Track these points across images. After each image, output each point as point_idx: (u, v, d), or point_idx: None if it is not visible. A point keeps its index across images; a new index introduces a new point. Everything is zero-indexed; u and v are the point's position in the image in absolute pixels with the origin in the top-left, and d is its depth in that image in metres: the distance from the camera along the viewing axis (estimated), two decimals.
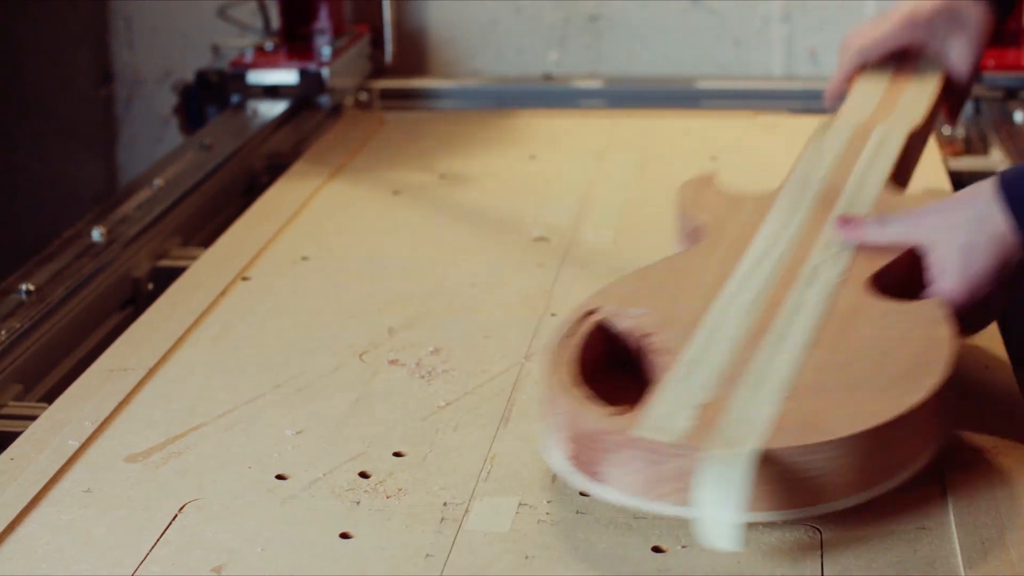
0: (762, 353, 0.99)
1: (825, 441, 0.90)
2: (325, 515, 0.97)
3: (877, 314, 1.03)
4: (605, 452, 0.93)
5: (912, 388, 0.94)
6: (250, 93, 2.00)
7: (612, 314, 1.05)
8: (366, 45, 2.17)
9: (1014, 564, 0.90)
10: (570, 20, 2.26)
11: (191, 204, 1.63)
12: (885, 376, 0.96)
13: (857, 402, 0.94)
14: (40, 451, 1.06)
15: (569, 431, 0.95)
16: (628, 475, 0.92)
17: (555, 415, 0.97)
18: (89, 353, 1.33)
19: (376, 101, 2.16)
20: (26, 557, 0.94)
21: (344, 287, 1.38)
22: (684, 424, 0.92)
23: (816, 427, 0.91)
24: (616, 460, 0.92)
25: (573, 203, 1.60)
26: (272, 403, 1.14)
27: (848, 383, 0.96)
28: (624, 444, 0.92)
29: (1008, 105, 1.85)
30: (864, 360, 0.98)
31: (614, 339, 1.05)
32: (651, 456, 0.91)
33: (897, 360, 0.97)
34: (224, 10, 2.15)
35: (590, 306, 1.05)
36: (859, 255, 1.09)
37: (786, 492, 0.91)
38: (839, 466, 0.91)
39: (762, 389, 0.95)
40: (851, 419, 0.92)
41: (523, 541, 0.94)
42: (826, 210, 1.17)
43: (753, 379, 0.96)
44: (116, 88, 2.39)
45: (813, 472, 0.90)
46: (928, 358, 0.97)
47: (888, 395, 0.94)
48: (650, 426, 0.92)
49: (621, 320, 1.05)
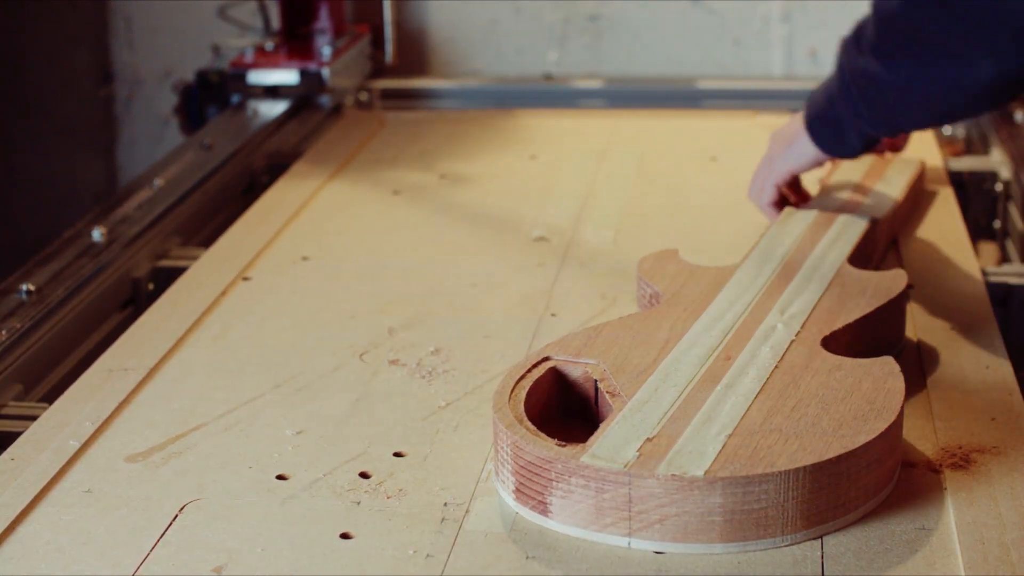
0: (712, 397, 1.00)
1: (767, 473, 0.91)
2: (325, 515, 0.97)
3: (828, 367, 1.04)
4: (550, 481, 0.94)
5: (861, 430, 0.95)
6: (250, 93, 2.00)
7: (564, 363, 1.07)
8: (366, 45, 2.17)
9: (1014, 564, 0.90)
10: (570, 20, 2.26)
11: (191, 204, 1.63)
12: (834, 420, 0.97)
13: (804, 440, 0.94)
14: (40, 451, 1.06)
15: (515, 463, 0.96)
16: (573, 504, 0.93)
17: (501, 449, 0.98)
18: (89, 353, 1.33)
19: (376, 101, 2.16)
20: (26, 557, 0.94)
21: (344, 287, 1.38)
22: (630, 455, 0.93)
23: (760, 460, 0.92)
24: (562, 489, 0.93)
25: (573, 203, 1.60)
26: (272, 403, 1.14)
27: (796, 425, 0.96)
28: (570, 472, 0.93)
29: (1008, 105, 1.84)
30: (813, 406, 0.99)
31: (566, 387, 1.07)
32: (597, 484, 0.92)
33: (846, 407, 0.98)
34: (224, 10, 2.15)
35: (543, 354, 1.07)
36: (814, 319, 1.12)
37: (727, 524, 0.91)
38: (781, 501, 0.91)
39: (710, 428, 0.96)
40: (795, 454, 0.92)
41: (524, 541, 0.94)
42: (785, 280, 1.20)
43: (701, 419, 0.97)
44: (116, 88, 2.39)
45: (755, 505, 0.91)
46: (878, 405, 0.98)
47: (836, 436, 0.95)
48: (596, 454, 0.93)
49: (574, 368, 1.07)
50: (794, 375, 1.03)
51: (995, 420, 1.07)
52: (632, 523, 0.92)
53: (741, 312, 1.14)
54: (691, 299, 1.17)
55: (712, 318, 1.13)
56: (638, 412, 0.99)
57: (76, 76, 2.36)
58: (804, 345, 1.08)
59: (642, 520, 0.91)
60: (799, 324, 1.11)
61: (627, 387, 1.02)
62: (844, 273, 1.22)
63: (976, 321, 1.25)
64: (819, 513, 0.93)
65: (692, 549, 0.91)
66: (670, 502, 0.91)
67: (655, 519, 0.91)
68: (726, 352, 1.07)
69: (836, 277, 1.21)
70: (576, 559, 0.92)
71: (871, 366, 1.04)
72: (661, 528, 0.91)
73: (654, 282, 1.21)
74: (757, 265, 1.23)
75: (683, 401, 1.00)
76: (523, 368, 1.05)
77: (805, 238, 1.30)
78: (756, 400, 1.00)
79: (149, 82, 2.38)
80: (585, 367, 1.06)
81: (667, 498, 0.91)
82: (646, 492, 0.91)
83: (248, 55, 2.04)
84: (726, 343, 1.08)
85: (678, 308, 1.15)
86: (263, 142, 1.87)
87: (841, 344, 1.10)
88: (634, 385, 1.02)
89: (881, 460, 0.96)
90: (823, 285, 1.19)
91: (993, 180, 1.70)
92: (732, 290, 1.18)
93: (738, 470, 0.91)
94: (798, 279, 1.20)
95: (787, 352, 1.06)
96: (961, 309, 1.27)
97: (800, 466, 0.91)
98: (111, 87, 2.39)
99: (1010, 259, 1.60)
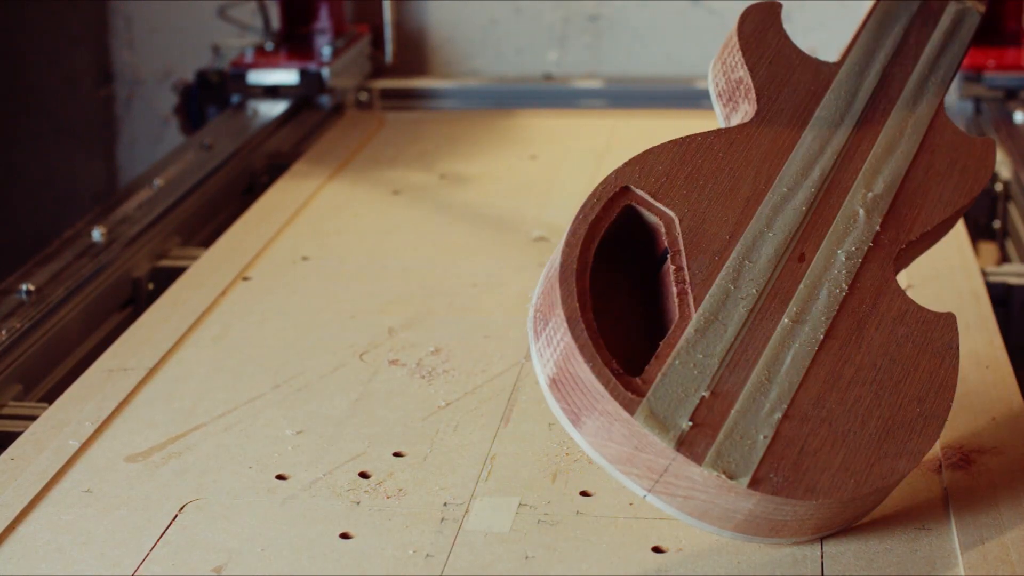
0: (775, 339, 0.94)
1: (803, 501, 0.88)
2: (325, 515, 0.97)
3: (893, 316, 0.98)
4: (594, 409, 0.89)
5: (903, 451, 0.91)
6: (250, 93, 2.00)
7: (643, 201, 0.98)
8: (366, 45, 2.17)
9: (1014, 564, 0.90)
10: (570, 20, 2.26)
11: (191, 204, 1.63)
12: (882, 423, 0.92)
13: (847, 454, 0.90)
14: (40, 451, 1.06)
15: (560, 365, 0.91)
16: (608, 441, 0.89)
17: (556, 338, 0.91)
18: (89, 353, 1.33)
19: (376, 101, 2.16)
20: (26, 557, 0.94)
21: (344, 287, 1.38)
22: (684, 424, 0.89)
23: (802, 479, 0.88)
24: (603, 423, 0.89)
25: (573, 203, 1.60)
26: (272, 403, 1.14)
27: (845, 420, 0.92)
28: (618, 419, 0.88)
29: (1008, 105, 1.85)
30: (868, 388, 0.93)
31: (638, 221, 0.99)
32: (638, 441, 0.88)
33: (897, 401, 0.94)
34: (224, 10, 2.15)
35: (622, 182, 0.99)
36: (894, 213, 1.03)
37: (746, 522, 0.90)
38: (805, 518, 0.90)
39: (766, 397, 0.91)
40: (836, 476, 0.89)
41: (523, 541, 0.94)
42: (877, 122, 1.08)
43: (759, 377, 0.92)
44: (116, 88, 2.39)
45: (779, 517, 0.90)
46: (927, 409, 0.94)
47: (878, 455, 0.91)
48: (653, 412, 0.88)
49: (649, 214, 0.98)
50: (860, 317, 0.96)
51: (995, 420, 1.07)
52: (657, 485, 0.89)
53: (829, 168, 1.03)
54: (782, 124, 1.05)
55: (798, 172, 1.02)
56: (701, 340, 0.92)
57: (76, 76, 2.37)
58: (877, 260, 0.99)
59: (667, 488, 0.89)
60: (880, 215, 1.02)
61: (698, 274, 0.94)
62: (939, 127, 1.09)
63: (976, 321, 1.25)
64: (833, 525, 0.93)
65: (703, 527, 0.90)
66: (703, 491, 0.89)
67: (680, 494, 0.89)
68: (801, 245, 0.98)
69: (930, 130, 1.08)
70: (576, 559, 0.92)
71: (932, 329, 0.97)
72: (683, 502, 0.89)
73: (749, 62, 1.08)
74: (852, 84, 1.10)
75: (747, 332, 0.93)
76: (599, 202, 0.97)
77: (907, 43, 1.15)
78: (818, 354, 0.93)
79: (149, 82, 2.38)
80: (660, 218, 0.98)
81: (702, 488, 0.89)
82: (684, 473, 0.88)
83: (248, 55, 2.04)
84: (804, 228, 0.99)
85: (767, 137, 1.04)
86: (263, 142, 1.87)
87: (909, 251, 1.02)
88: (705, 272, 0.94)
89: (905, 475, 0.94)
90: (914, 144, 1.07)
91: (993, 180, 1.70)
92: (823, 124, 1.06)
93: (779, 487, 0.88)
94: (890, 124, 1.08)
95: (860, 271, 0.98)
96: (961, 309, 1.27)
97: (836, 499, 0.89)
98: (111, 87, 2.39)
99: (1010, 259, 1.60)
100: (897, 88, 1.11)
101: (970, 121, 1.92)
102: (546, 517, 0.97)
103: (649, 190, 0.98)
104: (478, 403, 1.13)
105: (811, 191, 1.02)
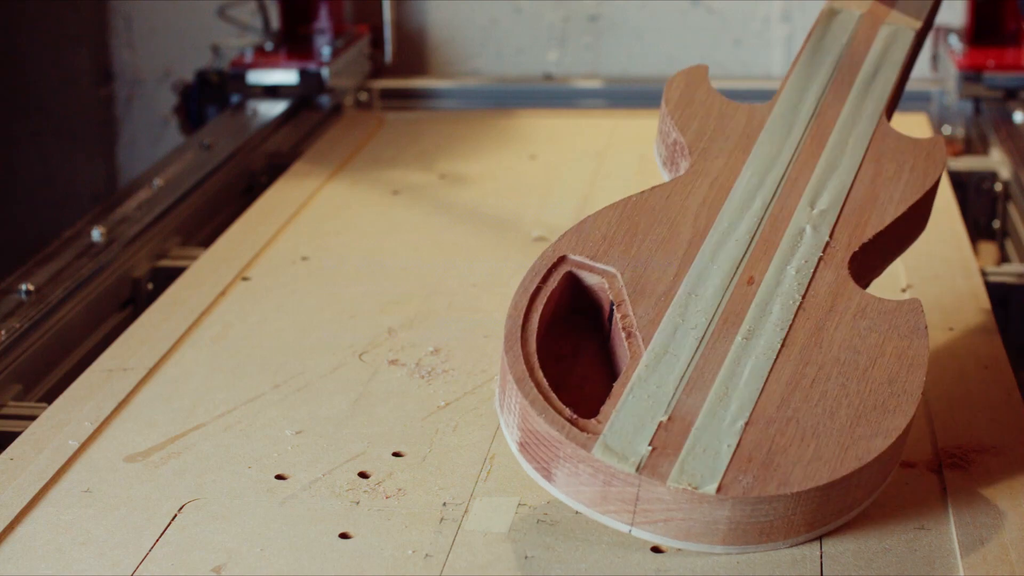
0: (731, 355, 0.95)
1: (779, 495, 0.89)
2: (325, 515, 0.97)
3: (853, 311, 0.98)
4: (557, 457, 0.92)
5: (878, 431, 0.91)
6: (250, 93, 2.00)
7: (582, 265, 1.00)
8: (366, 45, 2.17)
9: (1014, 564, 0.90)
10: (570, 20, 2.26)
11: (191, 204, 1.63)
12: (852, 410, 0.92)
13: (820, 443, 0.90)
14: (40, 451, 1.06)
15: (522, 425, 0.93)
16: (579, 484, 0.91)
17: (508, 395, 0.94)
18: (89, 353, 1.33)
19: (376, 101, 2.16)
20: (26, 557, 0.94)
21: (344, 287, 1.38)
22: (643, 449, 0.90)
23: (773, 475, 0.88)
24: (568, 469, 0.91)
25: (573, 203, 1.60)
26: (272, 403, 1.14)
27: (813, 414, 0.92)
28: (579, 459, 0.90)
29: (1008, 105, 1.85)
30: (833, 381, 0.93)
31: (581, 290, 1.01)
32: (605, 477, 0.90)
33: (867, 387, 0.93)
34: (224, 10, 2.15)
35: (559, 252, 1.01)
36: (845, 219, 1.04)
37: (731, 531, 0.90)
38: (789, 515, 0.90)
39: (726, 408, 0.92)
40: (809, 467, 0.89)
41: (523, 541, 0.94)
42: (818, 144, 1.10)
43: (718, 392, 0.93)
44: (116, 88, 2.39)
45: (762, 519, 0.90)
46: (899, 387, 0.93)
47: (852, 439, 0.91)
48: (608, 446, 0.90)
49: (590, 275, 1.00)
50: (818, 320, 0.97)
51: (994, 420, 1.07)
52: (636, 516, 0.91)
53: (769, 198, 1.04)
54: (718, 169, 1.07)
55: (738, 207, 1.04)
56: (653, 372, 0.93)
57: (76, 76, 2.37)
58: (830, 267, 1.00)
59: (646, 516, 0.90)
60: (828, 227, 1.02)
61: (645, 316, 0.96)
62: (881, 137, 1.10)
63: (976, 321, 1.25)
64: (823, 518, 0.93)
65: (692, 547, 0.91)
66: (677, 508, 0.90)
67: (659, 518, 0.90)
68: (749, 270, 1.00)
69: (872, 142, 1.10)
70: (576, 559, 0.92)
71: (896, 315, 0.97)
72: (664, 527, 0.91)
73: (680, 126, 1.11)
74: (787, 118, 1.13)
75: (700, 357, 0.94)
76: (538, 275, 0.99)
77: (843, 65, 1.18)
78: (776, 362, 0.94)
79: (149, 82, 2.38)
80: (602, 277, 0.99)
81: (675, 505, 0.89)
82: (654, 496, 0.89)
83: (248, 55, 2.04)
84: (751, 254, 1.00)
85: (704, 184, 1.06)
86: (263, 142, 1.87)
87: (869, 253, 1.03)
88: (652, 313, 0.96)
89: (892, 458, 0.94)
90: (858, 158, 1.08)
91: (993, 180, 1.70)
92: (761, 159, 1.08)
93: (750, 487, 0.88)
94: (831, 146, 1.10)
95: (812, 281, 0.99)
96: (961, 309, 1.27)
97: (813, 487, 0.89)
98: (111, 87, 2.39)
99: (1010, 259, 1.60)
100: (833, 115, 1.13)
101: (970, 121, 1.92)
102: (546, 517, 0.97)
103: (588, 254, 1.01)
104: (478, 403, 1.13)
105: (754, 221, 1.03)
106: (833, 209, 1.05)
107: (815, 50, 1.21)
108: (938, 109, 2.02)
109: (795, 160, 1.08)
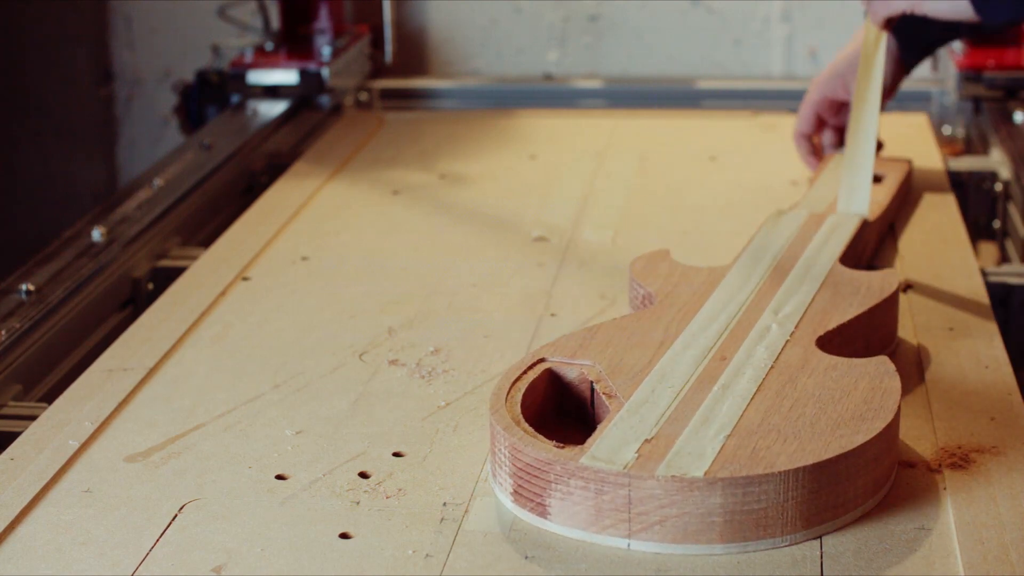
0: (709, 398, 1.01)
1: (767, 473, 0.91)
2: (325, 515, 0.97)
3: (824, 367, 1.05)
4: (549, 483, 0.94)
5: (859, 429, 0.96)
6: (250, 93, 2.00)
7: (560, 364, 1.07)
8: (366, 45, 2.17)
9: (1014, 564, 0.90)
10: (570, 20, 2.26)
11: (191, 204, 1.63)
12: (831, 419, 0.97)
13: (802, 440, 0.94)
14: (40, 451, 1.06)
15: (513, 465, 0.96)
16: (572, 506, 0.93)
17: (499, 451, 0.98)
18: (89, 353, 1.33)
19: (376, 101, 2.16)
20: (26, 557, 0.94)
21: (344, 287, 1.38)
22: (629, 456, 0.93)
23: (759, 460, 0.92)
24: (561, 491, 0.93)
25: (573, 203, 1.60)
26: (272, 403, 1.14)
27: (794, 425, 0.97)
28: (569, 473, 0.93)
29: (1008, 105, 1.85)
30: (810, 406, 0.99)
31: (562, 389, 1.07)
32: (596, 485, 0.92)
33: (843, 406, 0.99)
34: (224, 10, 2.15)
35: (538, 356, 1.07)
36: (808, 319, 1.13)
37: (727, 524, 0.91)
38: (781, 501, 0.92)
39: (708, 428, 0.96)
40: (795, 454, 0.93)
41: (523, 541, 0.94)
42: (778, 280, 1.21)
43: (699, 420, 0.98)
44: (116, 88, 2.39)
45: (755, 506, 0.91)
46: (875, 404, 0.99)
47: (834, 435, 0.95)
48: (596, 456, 0.93)
49: (569, 370, 1.07)
50: (790, 375, 1.04)
51: (994, 420, 1.07)
52: (632, 524, 0.92)
53: (735, 313, 1.14)
54: (684, 300, 1.17)
55: (706, 318, 1.13)
56: (635, 413, 0.99)
57: (76, 76, 2.37)
58: (799, 345, 1.08)
59: (642, 521, 0.91)
60: (793, 324, 1.12)
61: (623, 388, 1.02)
62: (836, 273, 1.22)
63: (976, 321, 1.25)
64: (818, 513, 0.93)
65: (692, 550, 0.91)
66: (670, 503, 0.91)
67: (655, 520, 0.91)
68: (721, 353, 1.07)
69: (828, 277, 1.21)
70: (575, 559, 0.92)
71: (867, 366, 1.04)
72: (661, 529, 0.91)
73: (646, 283, 1.21)
74: (749, 266, 1.24)
75: (680, 402, 1.00)
76: (519, 370, 1.05)
77: (796, 239, 1.30)
78: (753, 400, 1.00)
79: (149, 82, 2.38)
80: (581, 369, 1.06)
81: (667, 499, 0.91)
82: (646, 493, 0.91)
83: (248, 55, 2.04)
84: (721, 344, 1.09)
85: (672, 309, 1.15)
86: (263, 142, 1.87)
87: (835, 345, 1.11)
88: (630, 386, 1.02)
89: (879, 459, 0.96)
90: (815, 286, 1.19)
91: (993, 180, 1.70)
92: (725, 291, 1.19)
93: (738, 470, 0.91)
94: (790, 280, 1.21)
95: (782, 352, 1.07)
96: (961, 309, 1.27)
97: (800, 466, 0.91)
98: (111, 87, 2.39)
99: (1010, 259, 1.60)
100: (789, 267, 1.24)
101: (970, 121, 1.92)
102: None
103: (565, 355, 1.08)
104: (478, 403, 1.13)
105: (723, 323, 1.13)
106: (796, 313, 1.14)
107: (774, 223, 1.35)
108: (938, 109, 2.02)
109: (757, 290, 1.19)
